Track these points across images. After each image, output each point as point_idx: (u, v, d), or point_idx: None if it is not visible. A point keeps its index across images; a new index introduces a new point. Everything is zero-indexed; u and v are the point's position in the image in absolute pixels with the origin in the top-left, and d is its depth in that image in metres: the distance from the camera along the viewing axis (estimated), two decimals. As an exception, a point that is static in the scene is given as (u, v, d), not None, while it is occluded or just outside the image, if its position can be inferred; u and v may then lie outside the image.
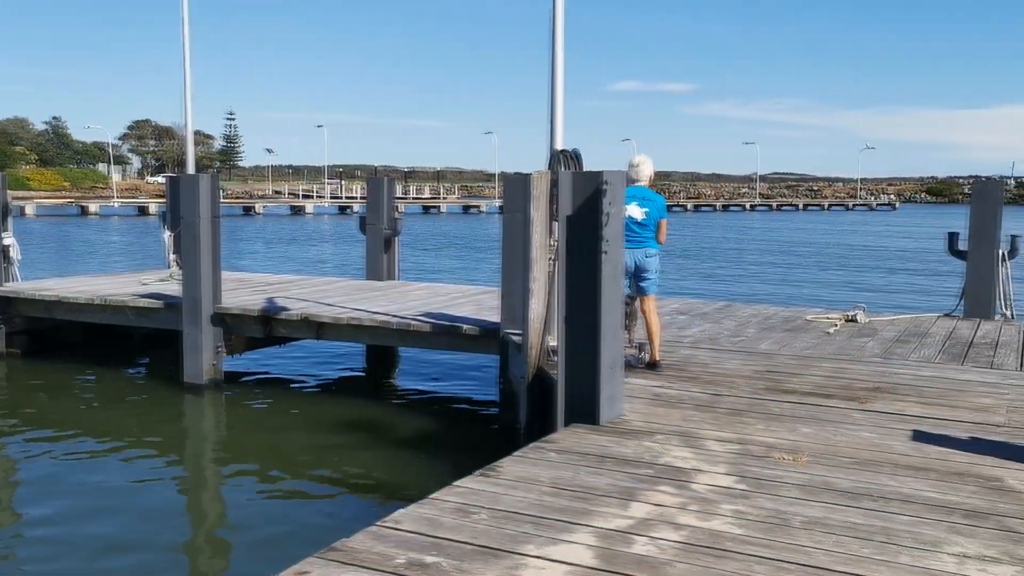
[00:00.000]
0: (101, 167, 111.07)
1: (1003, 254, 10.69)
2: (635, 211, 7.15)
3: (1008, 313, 10.67)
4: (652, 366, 7.35)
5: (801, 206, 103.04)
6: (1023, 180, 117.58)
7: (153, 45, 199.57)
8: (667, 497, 4.33)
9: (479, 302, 11.05)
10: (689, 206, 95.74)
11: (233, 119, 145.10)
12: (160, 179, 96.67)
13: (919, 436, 5.48)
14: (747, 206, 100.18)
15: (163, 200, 16.47)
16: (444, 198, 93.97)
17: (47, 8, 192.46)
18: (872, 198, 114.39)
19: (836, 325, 9.84)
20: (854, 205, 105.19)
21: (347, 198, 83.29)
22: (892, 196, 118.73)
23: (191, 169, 14.80)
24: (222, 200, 15.13)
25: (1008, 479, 4.68)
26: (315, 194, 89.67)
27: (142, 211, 65.84)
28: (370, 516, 4.32)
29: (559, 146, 7.57)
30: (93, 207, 66.30)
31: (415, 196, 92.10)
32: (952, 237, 11.29)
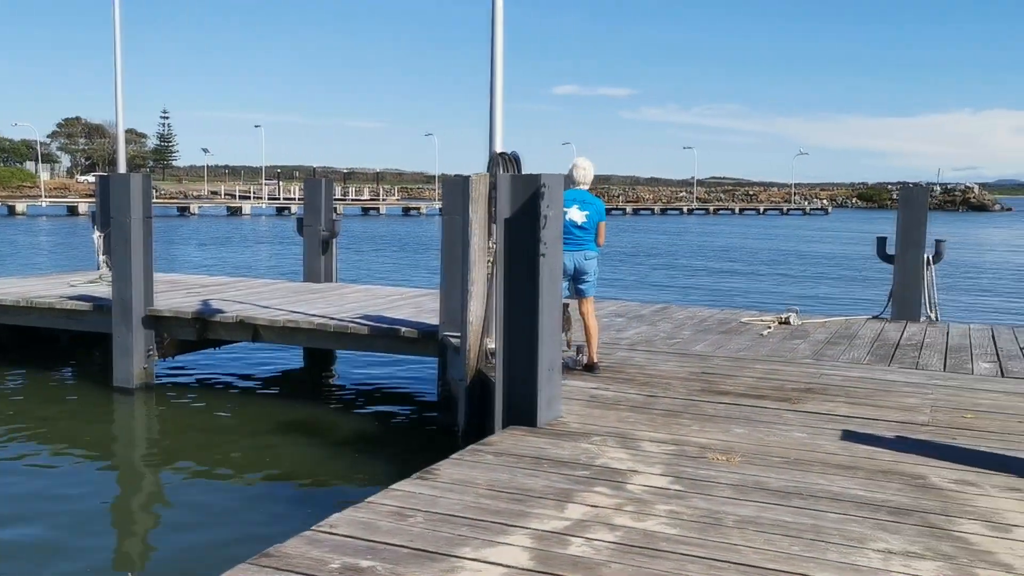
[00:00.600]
0: (29, 165, 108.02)
1: (928, 258, 11.01)
2: (576, 214, 7.20)
3: (933, 315, 10.99)
4: (590, 368, 7.41)
5: (737, 210, 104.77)
6: (948, 186, 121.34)
7: (85, 41, 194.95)
8: (603, 498, 4.36)
9: (418, 304, 11.01)
10: (628, 210, 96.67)
11: (167, 118, 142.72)
12: (90, 178, 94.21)
13: (847, 435, 5.62)
14: (685, 210, 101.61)
15: (93, 200, 16.09)
16: (384, 200, 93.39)
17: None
18: (806, 203, 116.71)
19: (770, 327, 10.03)
20: (788, 209, 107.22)
21: (285, 199, 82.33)
22: (825, 201, 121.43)
23: (122, 168, 14.46)
24: (156, 200, 14.80)
25: (931, 476, 4.82)
26: (252, 195, 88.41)
27: (72, 211, 64.31)
28: (305, 520, 4.27)
29: (498, 149, 7.59)
30: (20, 207, 64.45)
31: (354, 198, 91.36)
32: (881, 242, 11.60)
